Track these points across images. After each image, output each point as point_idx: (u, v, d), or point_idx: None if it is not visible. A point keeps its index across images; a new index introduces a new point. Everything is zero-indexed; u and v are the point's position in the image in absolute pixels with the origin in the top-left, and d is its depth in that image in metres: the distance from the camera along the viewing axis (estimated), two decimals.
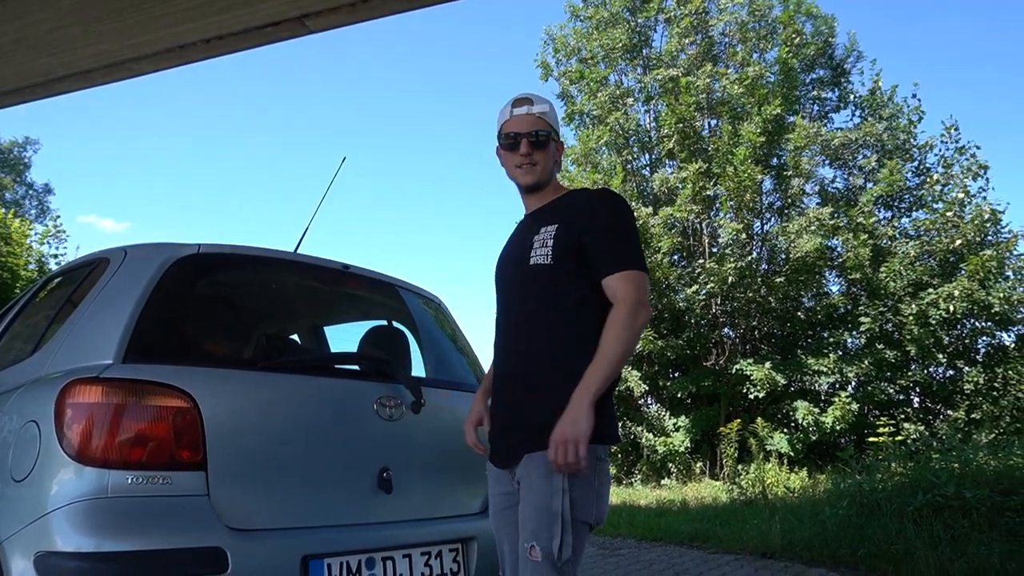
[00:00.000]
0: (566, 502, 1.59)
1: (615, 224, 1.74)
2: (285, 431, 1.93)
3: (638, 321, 1.64)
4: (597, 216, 1.74)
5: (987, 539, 4.22)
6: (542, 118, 1.83)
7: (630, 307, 1.64)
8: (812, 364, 11.21)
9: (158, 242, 2.10)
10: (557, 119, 1.90)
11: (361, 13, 4.46)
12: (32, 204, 28.05)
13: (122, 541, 1.58)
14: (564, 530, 1.57)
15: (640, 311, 1.64)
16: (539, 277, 1.74)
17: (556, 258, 1.72)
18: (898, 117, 12.94)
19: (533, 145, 1.81)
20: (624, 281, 1.67)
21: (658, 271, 12.10)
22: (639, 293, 1.66)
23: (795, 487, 8.30)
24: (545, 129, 1.83)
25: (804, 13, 13.25)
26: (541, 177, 1.84)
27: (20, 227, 10.13)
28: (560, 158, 1.92)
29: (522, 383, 1.74)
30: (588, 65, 14.03)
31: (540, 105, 1.84)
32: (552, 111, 1.88)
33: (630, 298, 1.65)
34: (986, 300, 10.71)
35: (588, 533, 1.67)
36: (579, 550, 1.62)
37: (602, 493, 1.68)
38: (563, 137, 12.37)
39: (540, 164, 1.83)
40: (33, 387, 1.84)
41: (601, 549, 5.74)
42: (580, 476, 1.60)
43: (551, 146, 1.85)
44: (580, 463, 1.54)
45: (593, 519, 1.65)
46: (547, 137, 1.82)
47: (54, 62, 5.25)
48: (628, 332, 1.62)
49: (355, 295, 2.69)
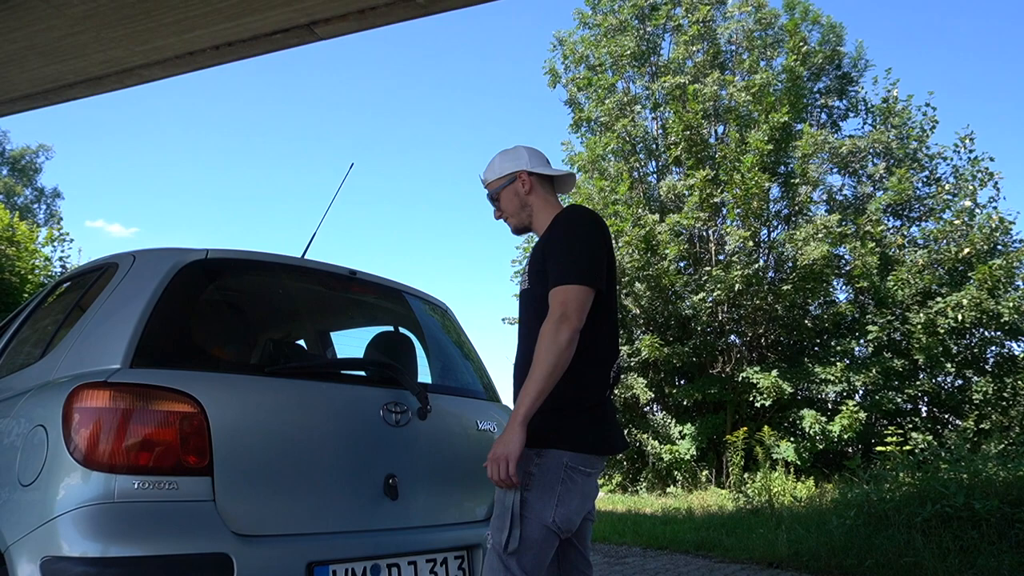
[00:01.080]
0: (517, 498, 1.70)
1: (559, 241, 1.83)
2: (291, 437, 1.93)
3: (560, 336, 1.69)
4: (551, 238, 1.86)
5: (997, 550, 4.18)
6: (485, 182, 2.08)
7: (552, 323, 1.71)
8: (819, 372, 11.16)
9: (166, 247, 2.10)
10: (500, 166, 2.04)
11: (369, 20, 4.49)
12: (42, 209, 28.28)
13: (128, 546, 1.58)
14: (513, 524, 1.69)
15: (562, 326, 1.69)
16: (524, 301, 1.93)
17: (532, 283, 1.89)
18: (909, 126, 12.90)
19: (493, 204, 2.08)
20: (553, 296, 1.76)
21: (664, 278, 12.08)
22: (563, 307, 1.72)
23: (802, 496, 8.24)
24: (490, 188, 2.05)
25: (811, 21, 13.25)
26: (515, 223, 2.04)
27: (27, 231, 10.20)
28: (527, 188, 2.00)
29: (517, 385, 1.87)
30: (596, 72, 14.05)
31: (482, 175, 2.09)
32: (492, 169, 2.05)
33: (554, 314, 1.72)
34: (995, 309, 10.65)
35: (550, 536, 1.72)
36: (531, 548, 1.70)
37: (566, 500, 1.72)
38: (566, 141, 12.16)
39: (507, 213, 2.04)
40: (41, 391, 1.84)
41: (606, 557, 5.71)
42: (538, 479, 1.71)
43: (503, 195, 2.02)
44: (511, 479, 1.66)
45: (551, 522, 1.70)
46: (494, 194, 2.04)
47: (65, 68, 5.31)
48: (551, 347, 1.68)
49: (362, 301, 2.69)
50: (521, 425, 1.67)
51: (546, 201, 2.00)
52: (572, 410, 1.75)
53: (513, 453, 1.65)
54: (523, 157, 2.03)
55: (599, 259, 1.82)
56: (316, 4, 4.28)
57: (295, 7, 4.31)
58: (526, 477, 1.72)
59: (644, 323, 12.96)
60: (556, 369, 1.68)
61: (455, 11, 4.44)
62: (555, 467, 1.71)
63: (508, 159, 2.03)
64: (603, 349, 1.84)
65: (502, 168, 2.02)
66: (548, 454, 1.72)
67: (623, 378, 12.37)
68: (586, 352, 1.77)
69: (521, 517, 1.70)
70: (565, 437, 1.73)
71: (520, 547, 1.69)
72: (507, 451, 1.66)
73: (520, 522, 1.69)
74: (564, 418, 1.74)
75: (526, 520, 1.70)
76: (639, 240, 12.03)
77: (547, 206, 1.99)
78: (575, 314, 1.71)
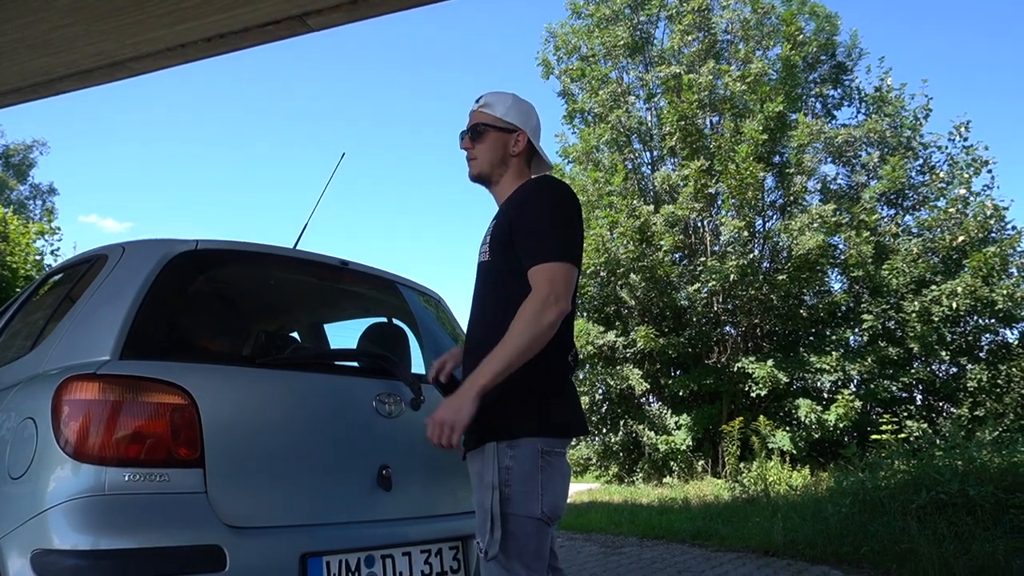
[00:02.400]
0: (495, 498, 1.62)
1: (540, 214, 1.71)
2: (284, 428, 1.92)
3: (545, 316, 1.60)
4: (524, 208, 1.74)
5: (991, 536, 4.20)
6: (483, 111, 1.89)
7: (539, 302, 1.61)
8: (814, 362, 11.19)
9: (156, 238, 2.09)
10: (508, 110, 1.88)
11: (361, 11, 4.45)
12: (37, 205, 28.12)
13: (119, 539, 1.58)
14: (494, 526, 1.60)
15: (548, 307, 1.60)
16: (482, 274, 1.82)
17: (492, 254, 1.77)
18: (903, 114, 12.90)
19: (471, 138, 1.88)
20: (539, 273, 1.65)
21: (660, 269, 12.08)
22: (552, 286, 1.62)
23: (797, 485, 8.28)
24: (484, 121, 1.87)
25: (808, 11, 13.21)
26: (483, 169, 1.88)
27: (19, 225, 10.13)
28: (519, 149, 1.87)
29: (464, 374, 1.78)
30: (589, 63, 13.99)
31: (486, 98, 1.90)
32: (500, 103, 1.88)
33: (541, 292, 1.62)
34: (989, 297, 10.69)
35: (542, 527, 1.65)
36: (528, 543, 1.62)
37: (549, 487, 1.65)
38: (560, 132, 12.01)
39: (480, 157, 1.88)
40: (30, 384, 1.83)
41: (603, 547, 5.73)
42: (517, 471, 1.63)
43: (491, 137, 1.86)
44: (451, 446, 1.60)
45: (540, 513, 1.63)
46: (484, 129, 1.86)
47: (55, 61, 5.24)
48: (532, 327, 1.59)
49: (354, 292, 2.68)
50: (477, 396, 1.58)
51: (521, 171, 1.90)
52: (538, 395, 1.67)
53: (461, 422, 1.58)
54: (533, 122, 1.92)
55: (580, 236, 1.77)
56: None
57: None
58: (503, 472, 1.63)
59: (639, 314, 12.97)
60: (530, 350, 1.59)
61: (447, 1, 4.41)
62: (531, 455, 1.63)
63: (520, 111, 1.90)
64: (567, 332, 1.77)
65: (509, 114, 1.88)
66: (521, 443, 1.64)
67: (618, 368, 12.39)
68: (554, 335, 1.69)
69: (507, 515, 1.62)
70: (536, 423, 1.65)
71: (514, 546, 1.62)
72: (456, 419, 1.59)
73: (505, 521, 1.61)
74: (531, 404, 1.66)
75: (514, 518, 1.62)
76: (634, 231, 12.02)
77: (520, 175, 1.89)
78: (564, 296, 1.63)
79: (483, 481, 1.67)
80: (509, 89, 1.97)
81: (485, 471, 1.66)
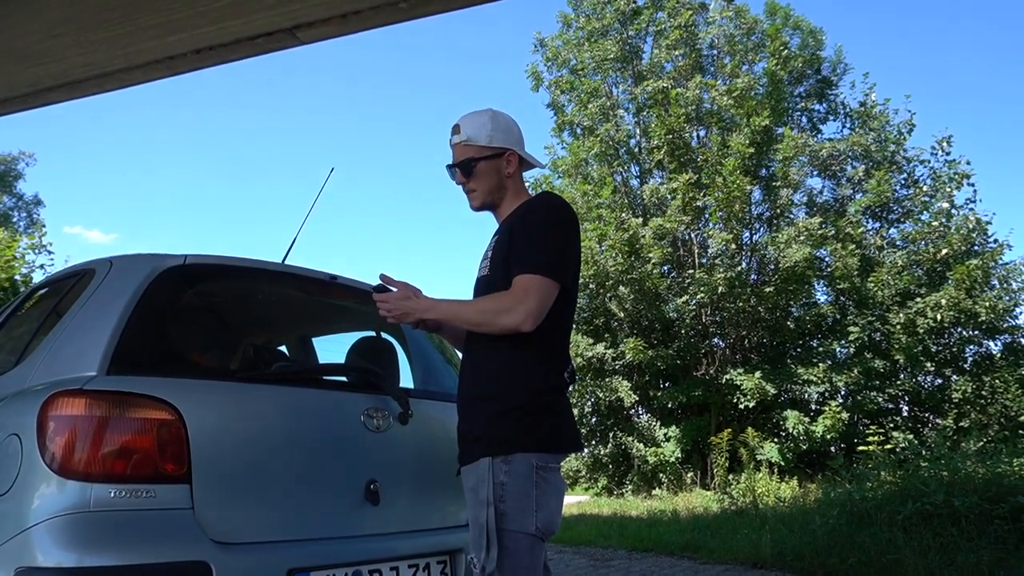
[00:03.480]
0: (490, 514, 1.62)
1: (538, 229, 1.74)
2: (271, 443, 1.91)
3: (504, 318, 1.65)
4: (524, 222, 1.77)
5: (976, 547, 4.23)
6: (468, 145, 1.86)
7: (510, 301, 1.66)
8: (802, 374, 11.27)
9: (144, 253, 2.09)
10: (491, 134, 1.85)
11: (352, 25, 4.47)
12: (21, 216, 27.86)
13: (105, 556, 1.56)
14: (490, 543, 1.61)
15: (512, 312, 1.64)
16: (481, 288, 1.83)
17: (493, 269, 1.79)
18: (887, 129, 13.08)
19: (464, 174, 1.88)
20: (520, 281, 1.68)
21: (648, 281, 12.14)
22: (526, 296, 1.65)
23: (786, 496, 8.31)
24: (472, 157, 1.85)
25: (792, 26, 13.40)
26: (485, 200, 1.89)
27: (7, 240, 10.03)
28: (512, 170, 1.88)
29: (463, 394, 1.81)
30: (578, 76, 14.10)
31: (465, 130, 1.86)
32: (481, 130, 1.85)
33: (516, 295, 1.66)
34: (973, 309, 10.82)
35: (537, 543, 1.66)
36: (522, 560, 1.63)
37: (544, 503, 1.66)
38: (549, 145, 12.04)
39: (478, 189, 1.88)
40: (15, 399, 1.81)
41: (592, 560, 5.72)
42: (512, 487, 1.63)
43: (482, 168, 1.85)
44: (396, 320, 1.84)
45: (535, 528, 1.64)
46: (474, 163, 1.85)
47: (44, 72, 5.22)
48: (488, 317, 1.70)
49: (343, 306, 2.68)
50: (440, 313, 1.77)
51: (519, 187, 1.91)
52: (533, 410, 1.68)
53: (418, 316, 1.79)
54: (515, 135, 1.90)
55: (572, 254, 1.77)
56: (299, 8, 4.25)
57: (278, 11, 4.27)
58: (498, 488, 1.63)
59: (628, 326, 13.02)
60: (475, 327, 1.73)
61: (438, 15, 4.44)
62: (526, 471, 1.64)
63: (501, 130, 1.87)
64: (563, 348, 1.79)
65: (493, 138, 1.86)
66: (516, 459, 1.64)
67: (607, 381, 12.40)
68: (546, 350, 1.73)
69: (503, 531, 1.61)
70: (531, 438, 1.66)
71: (509, 562, 1.61)
72: (418, 311, 1.78)
73: (500, 537, 1.61)
74: (526, 420, 1.67)
75: (509, 534, 1.62)
76: (622, 244, 12.09)
77: (519, 192, 1.90)
78: (535, 311, 1.63)
79: (478, 497, 1.67)
80: (498, 102, 1.97)
81: (480, 487, 1.66)
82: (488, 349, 1.74)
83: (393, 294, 1.83)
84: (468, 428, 1.75)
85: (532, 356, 1.70)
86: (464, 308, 1.76)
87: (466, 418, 1.78)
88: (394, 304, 1.81)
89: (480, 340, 1.77)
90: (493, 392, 1.71)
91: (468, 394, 1.79)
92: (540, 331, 1.67)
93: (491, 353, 1.74)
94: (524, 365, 1.70)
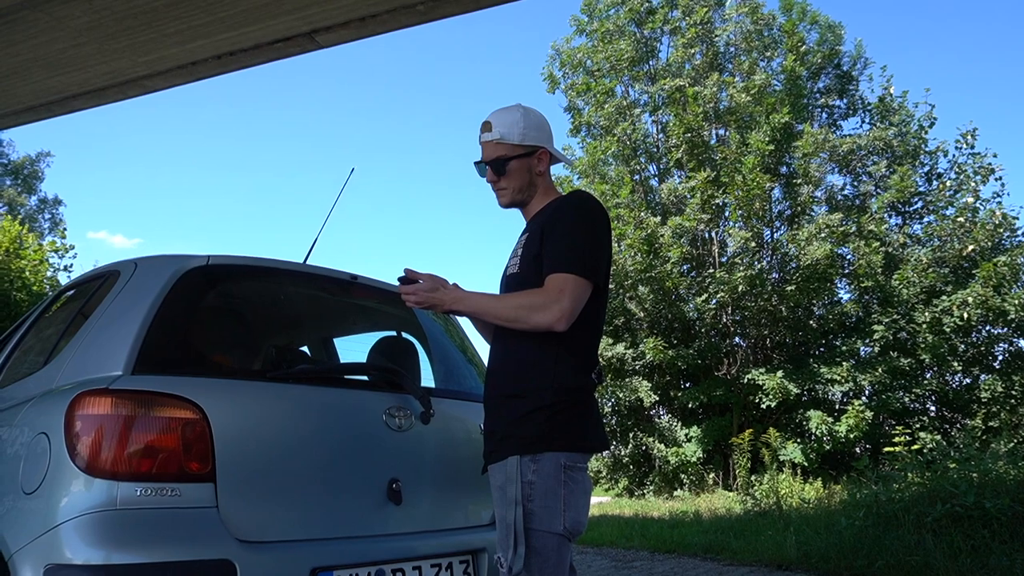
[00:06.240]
0: (518, 513, 1.61)
1: (571, 227, 1.73)
2: (294, 442, 1.92)
3: (537, 316, 1.65)
4: (557, 220, 1.76)
5: (1008, 550, 4.14)
6: (500, 143, 1.85)
7: (544, 298, 1.65)
8: (825, 373, 11.11)
9: (168, 254, 2.11)
10: (524, 132, 1.84)
11: (370, 27, 4.50)
12: (45, 218, 28.36)
13: (131, 553, 1.58)
14: (518, 542, 1.60)
15: (546, 309, 1.63)
16: (510, 286, 1.82)
17: (523, 267, 1.78)
18: (908, 123, 12.88)
19: (495, 172, 1.86)
20: (553, 280, 1.67)
21: (667, 281, 12.06)
22: (560, 295, 1.64)
23: (810, 498, 8.20)
24: (505, 155, 1.84)
25: (809, 21, 13.25)
26: (515, 198, 1.89)
27: (35, 243, 10.23)
28: (543, 168, 1.88)
29: (491, 391, 1.80)
30: (594, 78, 14.07)
31: (498, 128, 1.85)
32: (514, 128, 1.84)
33: (550, 294, 1.65)
34: (1001, 307, 10.58)
35: (564, 542, 1.65)
36: (548, 560, 1.62)
37: (572, 502, 1.65)
38: (567, 145, 12.09)
39: (509, 187, 1.87)
40: (44, 399, 1.84)
41: (614, 561, 5.68)
42: (540, 486, 1.63)
43: (514, 166, 1.85)
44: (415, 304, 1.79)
45: (562, 528, 1.63)
46: (505, 162, 1.84)
47: (68, 80, 5.34)
48: (521, 313, 1.67)
49: (364, 306, 2.69)
50: (469, 307, 1.75)
51: (548, 184, 1.91)
52: (562, 409, 1.67)
53: (446, 307, 1.76)
54: (547, 132, 1.89)
55: (604, 254, 1.77)
56: (317, 12, 4.30)
57: (297, 16, 4.33)
58: (526, 487, 1.62)
59: (648, 326, 12.94)
60: (507, 322, 1.70)
61: (454, 17, 4.45)
62: (554, 470, 1.63)
63: (534, 128, 1.86)
64: (592, 348, 1.79)
65: (526, 135, 1.84)
66: (544, 458, 1.63)
67: (627, 381, 12.34)
68: (576, 349, 1.72)
69: (530, 531, 1.61)
70: (559, 437, 1.65)
71: (537, 562, 1.61)
72: (446, 302, 1.76)
73: (528, 537, 1.60)
74: (555, 419, 1.66)
75: (536, 533, 1.61)
76: (641, 243, 12.03)
77: (549, 189, 1.90)
78: (568, 310, 1.63)
79: (506, 495, 1.66)
80: (514, 101, 1.95)
81: (508, 486, 1.65)
82: (518, 346, 1.73)
83: (419, 285, 1.80)
84: (496, 426, 1.74)
85: (562, 355, 1.69)
86: (496, 303, 1.73)
87: (494, 416, 1.76)
88: (421, 295, 1.78)
89: (510, 337, 1.76)
90: (522, 390, 1.69)
91: (496, 392, 1.77)
92: (571, 330, 1.67)
93: (520, 351, 1.73)
94: (554, 364, 1.68)
